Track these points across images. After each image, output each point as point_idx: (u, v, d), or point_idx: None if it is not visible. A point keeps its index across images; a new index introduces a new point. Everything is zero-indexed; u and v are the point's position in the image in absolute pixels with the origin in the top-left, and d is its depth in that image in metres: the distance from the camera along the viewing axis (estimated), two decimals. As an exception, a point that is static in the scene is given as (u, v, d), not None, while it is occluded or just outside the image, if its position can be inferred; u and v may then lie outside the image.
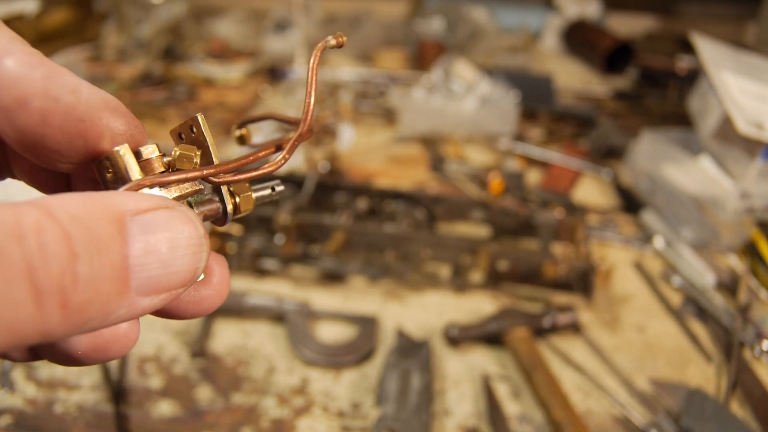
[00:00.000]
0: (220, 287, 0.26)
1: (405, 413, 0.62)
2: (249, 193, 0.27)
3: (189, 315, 0.25)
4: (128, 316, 0.20)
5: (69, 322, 0.18)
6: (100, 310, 0.19)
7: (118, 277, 0.19)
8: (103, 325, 0.20)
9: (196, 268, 0.21)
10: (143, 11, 1.77)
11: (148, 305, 0.20)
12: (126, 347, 0.23)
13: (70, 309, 0.18)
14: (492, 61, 1.80)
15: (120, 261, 0.19)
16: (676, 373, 0.71)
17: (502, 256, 0.81)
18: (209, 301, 0.25)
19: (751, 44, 1.96)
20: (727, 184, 0.97)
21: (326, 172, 1.04)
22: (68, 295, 0.17)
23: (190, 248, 0.21)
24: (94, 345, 0.22)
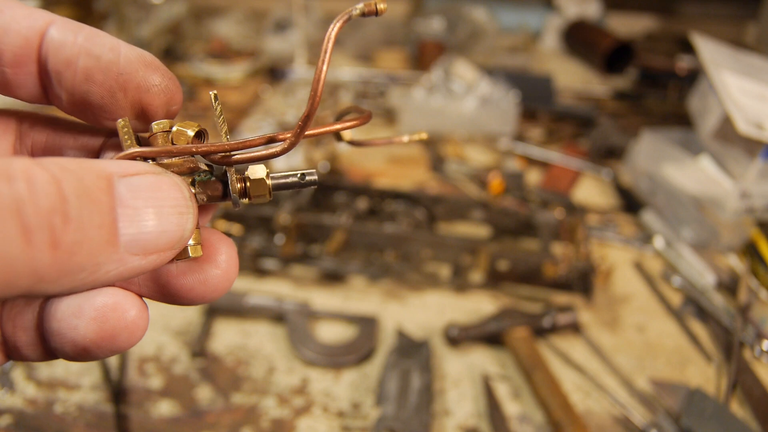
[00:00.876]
0: (228, 267, 0.25)
1: (405, 413, 0.62)
2: (262, 178, 0.25)
3: (196, 297, 0.25)
4: (118, 274, 0.20)
5: (59, 263, 0.18)
6: (90, 259, 0.19)
7: (108, 225, 0.20)
8: (95, 280, 0.20)
9: (183, 229, 0.22)
10: (143, 11, 1.77)
11: (138, 265, 0.21)
12: (134, 336, 0.23)
13: (60, 250, 0.18)
14: (492, 61, 1.80)
15: (108, 210, 0.20)
16: (676, 373, 0.71)
17: (502, 256, 0.81)
18: (216, 282, 0.25)
19: (751, 44, 1.96)
20: (727, 184, 0.97)
21: (326, 172, 1.04)
22: (58, 235, 0.18)
23: (175, 208, 0.22)
24: (101, 332, 0.22)
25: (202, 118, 1.38)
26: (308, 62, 1.69)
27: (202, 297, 0.25)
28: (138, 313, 0.23)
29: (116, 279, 0.21)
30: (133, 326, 0.23)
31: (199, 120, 1.47)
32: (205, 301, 0.26)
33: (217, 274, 0.25)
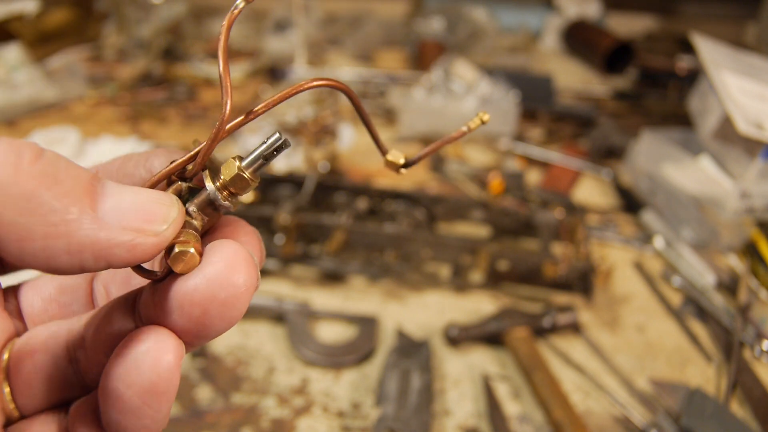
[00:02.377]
0: (215, 280, 0.22)
1: (405, 413, 0.62)
2: (236, 173, 0.24)
3: (203, 309, 0.22)
4: (95, 238, 0.19)
5: (25, 183, 0.18)
6: (61, 201, 0.19)
7: (86, 186, 0.20)
8: (68, 231, 0.19)
9: (166, 212, 0.22)
10: (143, 11, 1.77)
11: (116, 236, 0.20)
12: (172, 384, 0.22)
13: (26, 173, 0.19)
14: (492, 61, 1.80)
15: (89, 180, 0.20)
16: (676, 373, 0.71)
17: (502, 256, 0.81)
18: (197, 294, 0.22)
19: (751, 44, 1.96)
20: (727, 184, 0.96)
21: (326, 172, 1.04)
22: (26, 162, 0.19)
23: (158, 198, 0.22)
24: (143, 390, 0.21)
25: (202, 118, 1.38)
26: (308, 62, 1.69)
27: (207, 307, 0.22)
28: (174, 353, 0.22)
29: (93, 245, 0.20)
30: (171, 370, 0.22)
31: (198, 120, 1.47)
32: (221, 319, 0.22)
33: (198, 285, 0.22)
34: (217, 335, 0.23)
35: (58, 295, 0.28)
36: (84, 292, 0.28)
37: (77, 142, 1.14)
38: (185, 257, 0.23)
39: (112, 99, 1.48)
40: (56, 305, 0.28)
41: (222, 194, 0.25)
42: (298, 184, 0.93)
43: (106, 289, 0.29)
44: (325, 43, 1.96)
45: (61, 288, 0.28)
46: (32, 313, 0.27)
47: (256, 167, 0.25)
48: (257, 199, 0.92)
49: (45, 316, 0.28)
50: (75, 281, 0.29)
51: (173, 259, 0.23)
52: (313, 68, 1.67)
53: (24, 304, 0.28)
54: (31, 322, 0.27)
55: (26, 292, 0.28)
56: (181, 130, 1.31)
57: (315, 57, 1.79)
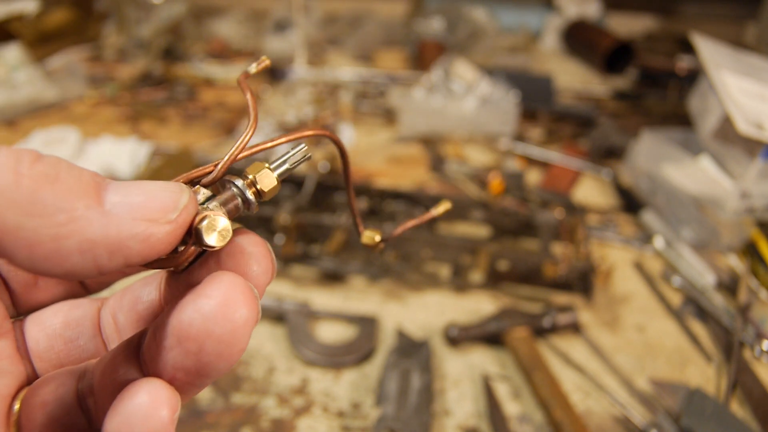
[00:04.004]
0: (209, 314, 0.21)
1: (405, 413, 0.62)
2: (269, 175, 0.25)
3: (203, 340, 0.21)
4: (105, 232, 0.19)
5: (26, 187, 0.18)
6: (67, 198, 0.19)
7: (90, 182, 0.20)
8: (77, 230, 0.18)
9: (176, 200, 0.21)
10: (143, 11, 1.77)
11: (127, 227, 0.19)
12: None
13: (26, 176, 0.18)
14: (492, 61, 1.80)
15: (92, 176, 0.20)
16: (676, 373, 0.71)
17: (502, 256, 0.81)
18: (213, 315, 0.21)
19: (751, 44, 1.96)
20: (727, 184, 0.96)
21: (326, 172, 1.04)
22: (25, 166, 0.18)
23: (166, 187, 0.21)
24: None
25: (202, 118, 1.38)
26: (308, 62, 1.69)
27: (203, 342, 0.21)
28: (168, 406, 0.21)
29: (105, 240, 0.19)
30: (164, 425, 0.21)
31: (198, 120, 1.47)
32: (218, 356, 0.21)
33: (210, 305, 0.21)
34: (218, 375, 0.22)
35: (63, 330, 0.27)
36: (91, 323, 0.28)
37: (77, 142, 1.14)
38: (216, 225, 0.22)
39: (112, 99, 1.48)
40: (61, 341, 0.27)
41: (250, 191, 0.25)
42: (298, 184, 0.93)
43: (113, 317, 0.28)
44: (325, 43, 1.96)
45: (67, 322, 0.27)
46: (38, 351, 0.27)
47: (281, 172, 0.26)
48: (257, 199, 0.92)
49: (51, 353, 0.27)
50: (81, 313, 0.28)
51: (207, 227, 0.22)
52: (313, 68, 1.67)
53: (29, 341, 0.27)
54: (38, 359, 0.27)
55: (31, 328, 0.27)
56: (181, 130, 1.31)
57: (315, 57, 1.79)
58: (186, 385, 0.23)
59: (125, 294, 0.28)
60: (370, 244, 0.33)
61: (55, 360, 0.27)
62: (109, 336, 0.28)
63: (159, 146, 1.19)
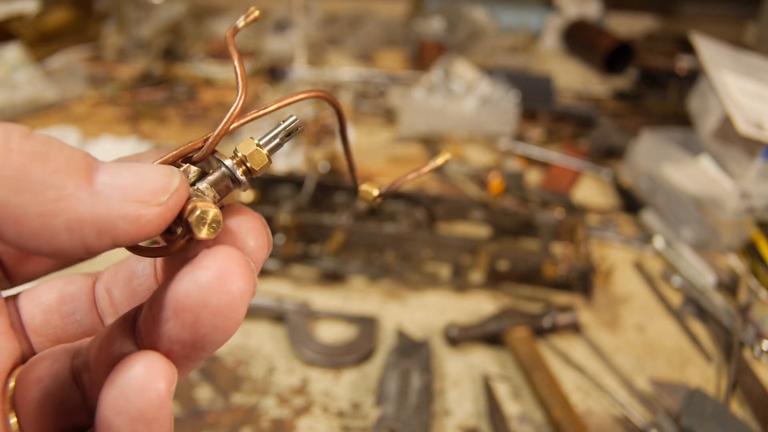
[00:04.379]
0: (206, 286, 0.21)
1: (405, 413, 0.62)
2: (256, 149, 0.25)
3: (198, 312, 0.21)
4: (95, 212, 0.19)
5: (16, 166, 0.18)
6: (56, 177, 0.18)
7: (81, 161, 0.19)
8: (66, 208, 0.18)
9: (167, 183, 0.21)
10: (143, 11, 1.77)
11: (117, 208, 0.19)
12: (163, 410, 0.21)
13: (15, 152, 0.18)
14: (492, 61, 1.80)
15: (83, 156, 0.20)
16: (676, 373, 0.71)
17: (502, 256, 0.81)
18: (188, 300, 0.21)
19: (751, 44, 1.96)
20: (727, 184, 0.96)
21: (326, 172, 1.04)
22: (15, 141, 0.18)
23: (158, 169, 0.21)
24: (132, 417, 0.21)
25: (202, 118, 1.38)
26: (308, 62, 1.69)
27: (199, 314, 0.21)
28: (164, 379, 0.21)
29: (94, 220, 0.19)
30: (160, 397, 0.21)
31: (198, 120, 1.47)
32: (214, 328, 0.21)
33: (206, 276, 0.21)
34: (214, 347, 0.22)
35: (59, 305, 0.27)
36: (86, 298, 0.28)
37: (77, 142, 1.14)
38: (207, 216, 0.21)
39: (112, 99, 1.48)
40: (58, 315, 0.27)
41: (240, 169, 0.25)
42: (298, 184, 0.93)
43: (108, 292, 0.28)
44: (325, 43, 1.96)
45: (62, 297, 0.27)
46: (34, 326, 0.27)
47: (272, 147, 0.25)
48: (257, 199, 0.92)
49: (48, 328, 0.27)
50: (76, 288, 0.28)
51: (196, 220, 0.21)
52: (313, 68, 1.67)
53: (25, 317, 0.27)
54: (34, 334, 0.27)
55: (26, 303, 0.27)
56: (181, 130, 1.31)
57: (315, 57, 1.79)
58: (182, 358, 0.22)
59: (120, 269, 0.28)
60: (367, 197, 0.33)
61: (52, 335, 0.27)
62: (105, 310, 0.28)
63: (159, 146, 1.19)
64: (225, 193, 0.25)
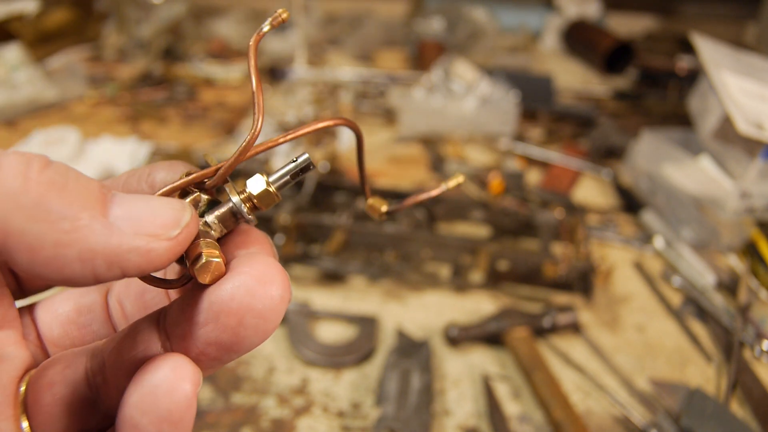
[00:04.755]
0: (251, 289, 0.22)
1: (405, 413, 0.62)
2: (265, 189, 0.25)
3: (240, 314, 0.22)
4: (107, 245, 0.19)
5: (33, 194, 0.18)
6: (71, 207, 0.19)
7: (96, 194, 0.20)
8: (79, 239, 0.19)
9: (178, 218, 0.21)
10: (143, 11, 1.77)
11: (129, 240, 0.20)
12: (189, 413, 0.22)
13: (34, 181, 0.18)
14: (492, 61, 1.80)
15: (99, 188, 0.20)
16: (676, 373, 0.71)
17: (502, 256, 0.81)
18: (234, 303, 0.22)
19: (751, 44, 1.96)
20: (727, 184, 0.97)
21: (326, 172, 1.04)
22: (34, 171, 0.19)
23: (170, 203, 0.22)
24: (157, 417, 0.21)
25: (202, 118, 1.38)
26: (308, 62, 1.69)
27: (243, 317, 0.22)
28: (191, 381, 0.22)
29: (105, 251, 0.19)
30: (187, 399, 0.22)
31: (198, 120, 1.47)
32: (255, 330, 0.22)
33: (250, 281, 0.22)
34: (248, 350, 0.23)
35: (77, 317, 0.28)
36: (101, 309, 0.28)
37: (77, 142, 1.14)
38: (212, 266, 0.22)
39: (112, 99, 1.48)
40: (75, 327, 0.28)
41: (246, 206, 0.25)
42: (299, 184, 0.93)
43: (120, 304, 0.28)
44: (325, 43, 1.96)
45: (78, 308, 0.28)
46: (52, 338, 0.27)
47: (282, 184, 0.26)
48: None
49: (66, 339, 0.27)
50: (91, 299, 0.28)
51: (200, 268, 0.22)
52: (313, 68, 1.67)
53: (42, 329, 0.27)
54: (53, 346, 0.27)
55: (43, 315, 0.27)
56: (181, 130, 1.31)
57: (315, 57, 1.79)
58: (213, 360, 0.23)
59: (131, 282, 0.29)
60: (374, 213, 0.33)
61: (70, 346, 0.27)
62: (118, 321, 0.28)
63: (159, 146, 1.19)
64: (232, 226, 0.25)
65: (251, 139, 0.24)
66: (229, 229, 0.25)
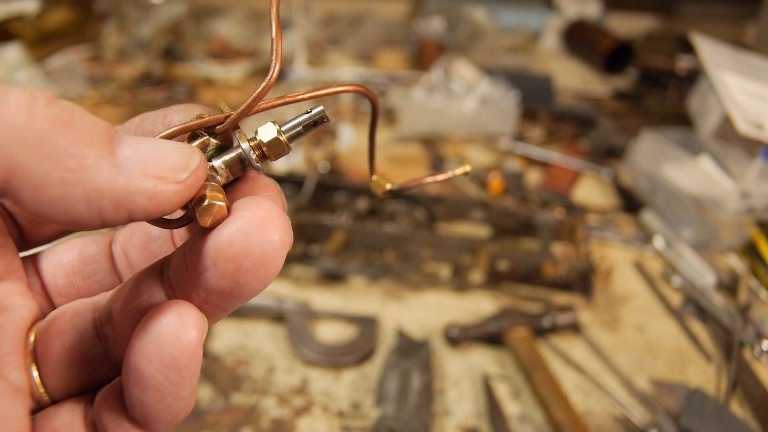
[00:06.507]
0: (250, 234, 0.21)
1: (405, 413, 0.62)
2: (276, 137, 0.24)
3: (241, 261, 0.21)
4: (113, 185, 0.19)
5: (38, 128, 0.18)
6: (77, 145, 0.18)
7: (103, 133, 0.19)
8: (85, 178, 0.18)
9: (187, 161, 0.21)
10: (143, 11, 1.77)
11: (136, 182, 0.19)
12: (195, 358, 0.21)
13: (39, 117, 0.18)
14: (492, 61, 1.80)
15: (105, 129, 0.20)
16: (676, 373, 0.71)
17: (502, 256, 0.81)
18: (232, 249, 0.21)
19: (751, 44, 1.95)
20: (727, 184, 0.97)
21: (326, 172, 1.04)
22: (40, 103, 0.18)
23: (178, 147, 0.21)
24: (165, 365, 0.21)
25: (202, 118, 1.38)
26: (308, 62, 1.69)
27: (242, 262, 0.21)
28: (196, 327, 0.21)
29: (112, 192, 0.19)
30: (192, 345, 0.21)
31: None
32: (255, 276, 0.21)
33: (249, 225, 0.21)
34: (250, 296, 0.23)
35: (81, 267, 0.27)
36: (105, 258, 0.28)
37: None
38: (214, 209, 0.22)
39: (112, 99, 1.48)
40: (80, 277, 0.27)
41: (255, 153, 0.24)
42: (298, 184, 0.93)
43: (125, 253, 0.28)
44: (325, 43, 1.96)
45: (83, 258, 0.28)
46: (57, 287, 0.27)
47: (293, 134, 0.25)
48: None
49: (71, 289, 0.27)
50: (95, 249, 0.28)
51: (202, 210, 0.22)
52: (313, 68, 1.67)
53: (47, 279, 0.27)
54: (57, 295, 0.27)
55: (47, 265, 0.27)
56: (181, 130, 1.31)
57: (315, 57, 1.79)
58: (216, 308, 0.23)
59: (135, 230, 0.28)
60: (378, 189, 0.32)
61: (75, 296, 0.27)
62: (123, 271, 0.28)
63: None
64: (239, 173, 0.25)
65: (266, 85, 0.23)
66: (236, 175, 0.25)
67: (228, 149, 0.25)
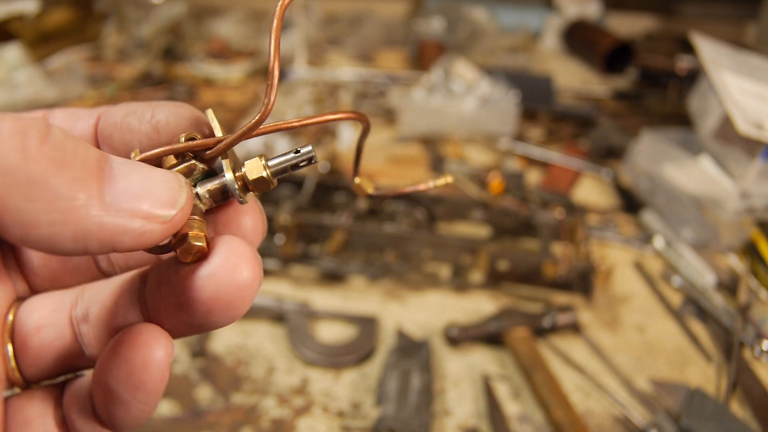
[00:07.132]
0: (220, 281, 0.22)
1: (405, 413, 0.62)
2: (260, 176, 0.25)
3: (210, 302, 0.23)
4: (101, 224, 0.19)
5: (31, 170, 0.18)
6: (68, 186, 0.19)
7: (94, 168, 0.20)
8: (75, 218, 0.19)
9: (175, 196, 0.22)
10: (143, 11, 1.77)
11: (125, 222, 0.20)
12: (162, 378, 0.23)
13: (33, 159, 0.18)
14: (492, 61, 1.80)
15: (96, 161, 0.20)
16: (676, 373, 0.71)
17: (502, 256, 0.81)
18: (203, 294, 0.22)
19: (751, 44, 1.95)
20: (727, 184, 0.97)
21: (326, 172, 1.04)
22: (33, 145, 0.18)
23: (167, 182, 0.22)
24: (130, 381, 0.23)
25: (202, 118, 1.38)
26: (308, 62, 1.69)
27: (212, 307, 0.22)
28: (165, 353, 0.23)
29: (100, 232, 0.19)
30: (160, 370, 0.23)
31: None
32: (223, 317, 0.23)
33: (217, 273, 0.22)
34: (219, 327, 0.24)
35: None
36: None
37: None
38: (194, 249, 0.23)
39: (112, 99, 1.48)
40: (55, 259, 0.28)
41: (239, 185, 0.25)
42: (298, 184, 0.93)
43: None
44: (325, 43, 1.96)
45: None
46: (32, 267, 0.28)
47: (279, 171, 0.25)
48: (257, 199, 0.92)
49: (45, 270, 0.28)
50: None
51: (183, 250, 0.23)
52: (313, 68, 1.67)
53: (23, 259, 0.28)
54: (32, 275, 0.28)
55: None
56: (181, 130, 1.31)
57: (315, 57, 1.79)
58: (186, 332, 0.24)
59: None
60: (360, 192, 0.33)
61: (49, 276, 0.28)
62: (98, 256, 0.29)
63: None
64: (221, 202, 0.25)
65: (261, 117, 0.23)
66: (218, 203, 0.25)
67: (213, 175, 0.25)
